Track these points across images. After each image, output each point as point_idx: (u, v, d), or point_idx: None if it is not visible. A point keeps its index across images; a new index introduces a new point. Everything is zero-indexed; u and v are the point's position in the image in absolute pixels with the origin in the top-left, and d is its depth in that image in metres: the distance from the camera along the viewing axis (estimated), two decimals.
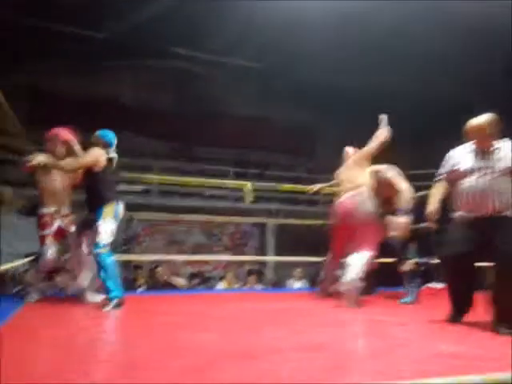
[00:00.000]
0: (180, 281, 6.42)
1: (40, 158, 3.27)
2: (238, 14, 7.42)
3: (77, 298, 3.41)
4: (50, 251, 3.39)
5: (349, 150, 4.00)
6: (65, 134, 3.53)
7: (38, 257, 3.44)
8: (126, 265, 6.94)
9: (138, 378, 1.54)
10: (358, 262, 3.41)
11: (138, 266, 6.76)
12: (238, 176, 9.75)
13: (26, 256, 3.98)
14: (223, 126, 10.80)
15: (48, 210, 3.44)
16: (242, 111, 10.92)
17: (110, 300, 3.14)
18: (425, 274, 4.91)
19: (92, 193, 3.32)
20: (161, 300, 3.95)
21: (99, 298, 3.32)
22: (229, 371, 1.61)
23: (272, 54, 8.87)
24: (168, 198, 9.12)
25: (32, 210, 3.40)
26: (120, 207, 3.39)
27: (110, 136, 3.55)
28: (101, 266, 3.17)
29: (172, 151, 10.64)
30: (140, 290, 5.72)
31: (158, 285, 5.93)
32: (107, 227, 3.24)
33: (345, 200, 3.62)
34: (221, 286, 6.59)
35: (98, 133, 3.55)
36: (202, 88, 10.55)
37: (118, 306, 3.13)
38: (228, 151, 10.89)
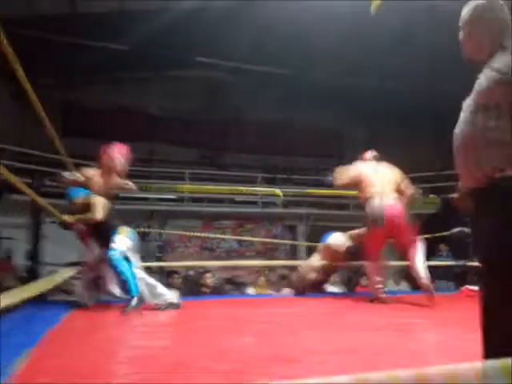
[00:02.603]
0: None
1: (75, 175, 3.47)
2: (259, 20, 7.50)
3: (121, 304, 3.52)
4: (94, 252, 3.49)
5: (369, 154, 4.08)
6: (115, 150, 3.63)
7: (82, 264, 3.58)
8: (160, 271, 7.11)
9: (185, 379, 1.61)
10: (421, 259, 3.59)
11: (173, 272, 6.89)
12: (266, 181, 9.83)
13: (70, 265, 4.16)
14: (250, 132, 10.93)
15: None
16: (267, 116, 11.00)
17: (129, 299, 3.27)
18: (462, 276, 4.84)
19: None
20: (197, 305, 4.03)
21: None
22: (269, 374, 1.67)
23: (294, 58, 8.92)
24: (199, 205, 9.29)
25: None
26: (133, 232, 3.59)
27: None
28: (116, 269, 3.31)
29: (201, 159, 10.83)
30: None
31: (193, 290, 6.01)
32: (121, 239, 3.42)
33: (390, 203, 3.64)
34: (251, 291, 6.63)
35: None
36: (227, 95, 10.70)
37: (138, 305, 3.26)
38: (255, 157, 10.99)
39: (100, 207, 3.39)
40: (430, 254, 6.70)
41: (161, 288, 3.46)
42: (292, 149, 11.11)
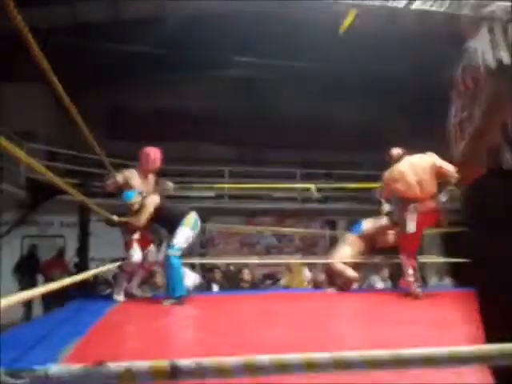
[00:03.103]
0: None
1: (114, 178, 3.66)
2: (291, 17, 7.51)
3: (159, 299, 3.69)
4: (136, 255, 3.67)
5: (396, 152, 3.99)
6: (154, 153, 3.82)
7: (124, 261, 3.77)
8: (202, 267, 7.31)
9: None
10: None
11: (214, 267, 7.06)
12: (305, 177, 9.84)
13: (113, 261, 4.38)
14: (287, 128, 10.95)
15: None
16: (304, 112, 10.98)
17: (173, 298, 3.42)
18: None
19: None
20: (238, 299, 4.15)
21: None
22: None
23: (329, 52, 8.83)
24: (239, 202, 9.44)
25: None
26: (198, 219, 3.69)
27: None
28: (170, 266, 3.45)
29: (240, 156, 10.98)
30: (216, 290, 5.99)
31: (233, 285, 6.15)
32: (184, 233, 3.54)
33: (431, 205, 3.63)
34: (283, 281, 6.66)
35: None
36: (263, 92, 10.76)
37: (180, 302, 3.40)
38: (294, 153, 11.02)
39: (148, 210, 3.56)
40: None
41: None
42: (331, 143, 11.02)
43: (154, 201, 3.57)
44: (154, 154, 3.83)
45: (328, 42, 8.28)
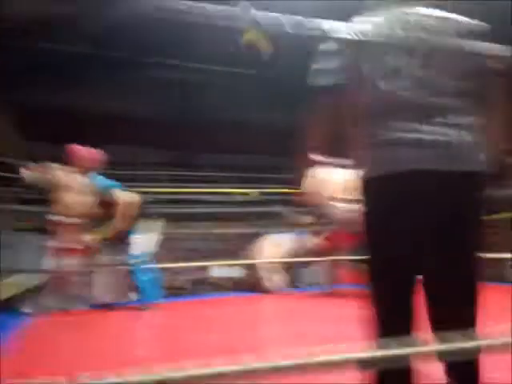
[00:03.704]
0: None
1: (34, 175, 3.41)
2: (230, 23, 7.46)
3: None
4: (65, 263, 3.40)
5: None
6: (89, 152, 3.65)
7: (48, 271, 3.49)
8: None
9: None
10: None
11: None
12: (242, 181, 9.82)
13: (32, 272, 4.04)
14: (223, 133, 10.90)
15: (63, 219, 3.43)
16: (240, 117, 11.00)
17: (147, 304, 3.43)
18: None
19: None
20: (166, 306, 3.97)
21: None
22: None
23: (254, 58, 8.93)
24: (174, 207, 9.19)
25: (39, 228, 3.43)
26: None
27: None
28: (139, 273, 3.42)
29: (173, 160, 10.76)
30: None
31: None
32: (143, 239, 3.40)
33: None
34: None
35: None
36: (198, 96, 10.66)
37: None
38: (229, 157, 11.00)
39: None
40: None
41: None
42: (263, 148, 11.11)
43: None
44: (88, 152, 3.65)
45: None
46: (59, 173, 3.52)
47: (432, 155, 1.21)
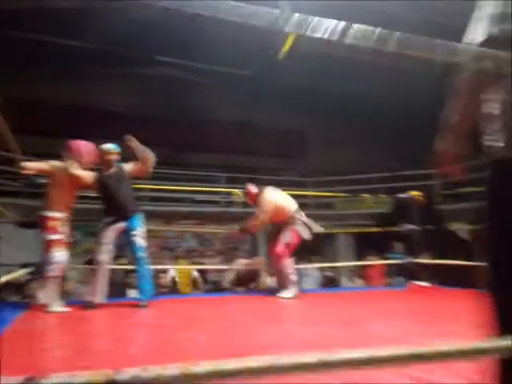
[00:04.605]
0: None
1: (33, 165, 3.43)
2: (224, 22, 7.54)
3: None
4: (60, 255, 3.38)
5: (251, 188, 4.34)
6: (87, 146, 3.61)
7: (41, 265, 3.49)
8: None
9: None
10: None
11: (131, 271, 6.83)
12: (229, 181, 9.90)
13: (24, 266, 4.07)
14: (212, 132, 10.96)
15: (56, 214, 3.42)
16: (231, 117, 11.10)
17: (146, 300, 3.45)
18: (410, 272, 5.10)
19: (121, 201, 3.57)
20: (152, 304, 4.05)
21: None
22: None
23: (259, 60, 9.02)
24: (159, 205, 9.22)
25: (30, 222, 3.42)
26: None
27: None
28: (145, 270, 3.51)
29: (163, 158, 10.75)
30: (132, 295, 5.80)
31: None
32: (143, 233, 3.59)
33: None
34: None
35: (112, 146, 3.71)
36: (191, 95, 10.70)
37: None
38: (219, 157, 11.06)
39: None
40: (385, 251, 7.00)
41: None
42: (254, 149, 11.23)
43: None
44: (86, 147, 3.64)
45: (255, 50, 8.45)
46: (57, 165, 3.51)
47: None
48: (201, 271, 7.00)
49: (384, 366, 0.80)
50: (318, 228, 4.35)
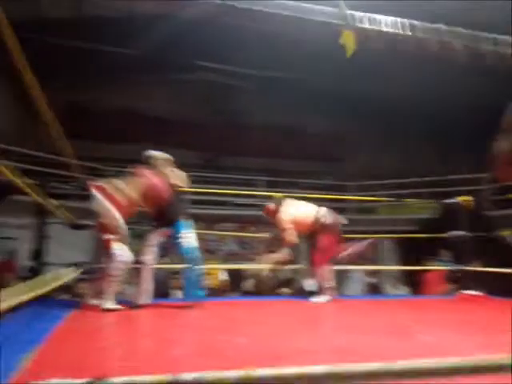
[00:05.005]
0: None
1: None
2: (261, 28, 7.57)
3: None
4: (124, 253, 3.40)
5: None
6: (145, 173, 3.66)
7: (96, 264, 3.58)
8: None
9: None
10: None
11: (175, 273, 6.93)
12: (268, 185, 9.91)
13: (73, 265, 4.22)
14: (252, 136, 11.02)
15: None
16: (270, 121, 11.13)
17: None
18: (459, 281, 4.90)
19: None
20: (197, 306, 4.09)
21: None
22: None
23: (297, 64, 8.99)
24: (201, 208, 9.35)
25: (80, 223, 3.53)
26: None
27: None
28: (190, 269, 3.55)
29: (205, 162, 10.92)
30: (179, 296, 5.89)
31: None
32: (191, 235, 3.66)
33: None
34: None
35: (163, 154, 3.77)
36: (230, 99, 10.81)
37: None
38: (258, 160, 11.09)
39: None
40: (430, 257, 6.77)
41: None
42: (293, 153, 11.20)
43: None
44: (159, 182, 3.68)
45: (297, 54, 8.44)
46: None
47: None
48: (237, 274, 7.04)
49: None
50: (341, 220, 4.33)
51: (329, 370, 0.68)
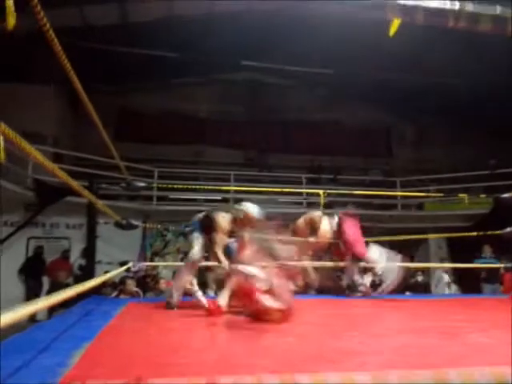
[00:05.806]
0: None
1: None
2: (303, 24, 7.49)
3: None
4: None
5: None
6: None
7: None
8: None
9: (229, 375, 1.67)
10: None
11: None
12: (311, 182, 9.80)
13: (121, 264, 4.35)
14: (295, 133, 10.95)
15: None
16: (314, 117, 11.01)
17: None
18: None
19: None
20: None
21: None
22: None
23: (341, 58, 8.81)
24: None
25: (128, 223, 3.63)
26: None
27: None
28: None
29: (247, 160, 10.96)
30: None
31: None
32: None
33: None
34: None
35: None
36: (272, 97, 10.78)
37: None
38: (301, 157, 11.00)
39: None
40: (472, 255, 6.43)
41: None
42: (338, 149, 11.01)
43: None
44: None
45: (338, 48, 8.27)
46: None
47: None
48: None
49: None
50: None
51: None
